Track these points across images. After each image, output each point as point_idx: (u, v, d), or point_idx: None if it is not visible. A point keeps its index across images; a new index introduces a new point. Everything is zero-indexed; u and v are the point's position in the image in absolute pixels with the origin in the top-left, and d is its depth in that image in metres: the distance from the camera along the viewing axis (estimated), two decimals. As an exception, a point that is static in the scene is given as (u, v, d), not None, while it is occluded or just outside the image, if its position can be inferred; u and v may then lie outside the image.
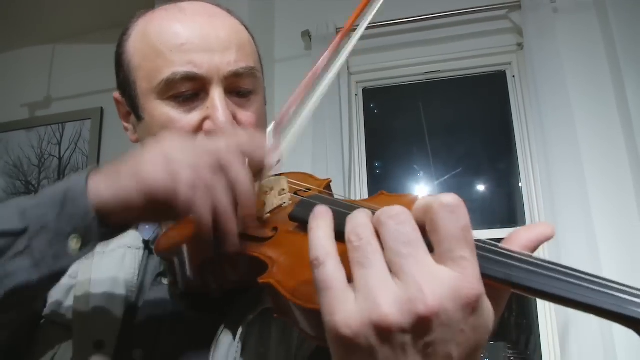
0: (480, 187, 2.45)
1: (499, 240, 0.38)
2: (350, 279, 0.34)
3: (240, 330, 0.57)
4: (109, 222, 0.50)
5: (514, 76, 2.35)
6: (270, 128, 0.60)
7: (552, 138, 1.99)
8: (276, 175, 0.63)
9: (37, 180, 2.96)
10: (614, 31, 2.08)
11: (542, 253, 2.03)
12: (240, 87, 0.68)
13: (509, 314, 2.26)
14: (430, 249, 0.34)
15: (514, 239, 0.37)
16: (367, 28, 0.64)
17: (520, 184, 2.24)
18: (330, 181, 0.73)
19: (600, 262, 1.83)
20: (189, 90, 0.64)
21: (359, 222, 0.36)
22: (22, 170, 3.01)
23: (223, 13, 0.71)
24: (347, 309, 0.33)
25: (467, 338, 0.32)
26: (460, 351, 0.32)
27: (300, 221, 0.54)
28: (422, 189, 2.48)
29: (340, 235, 0.37)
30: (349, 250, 0.35)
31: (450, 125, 2.56)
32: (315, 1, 2.60)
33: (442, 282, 0.32)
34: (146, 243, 0.71)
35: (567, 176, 1.93)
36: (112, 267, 0.67)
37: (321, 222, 0.38)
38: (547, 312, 2.00)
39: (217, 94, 0.64)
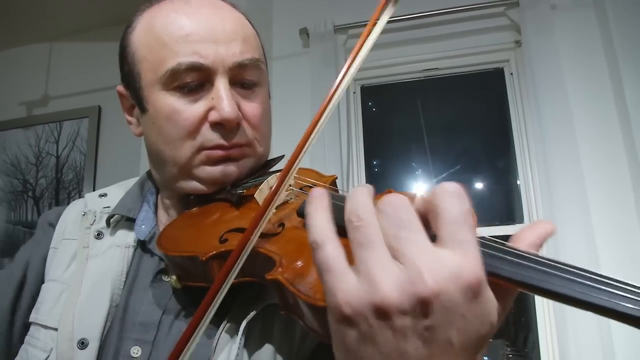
0: (479, 185, 2.45)
1: (499, 238, 0.37)
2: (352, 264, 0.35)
3: (242, 327, 0.57)
4: None
5: (512, 73, 2.35)
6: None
7: (550, 135, 1.99)
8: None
9: (35, 178, 2.96)
10: (612, 28, 2.07)
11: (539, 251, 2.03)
12: (244, 79, 0.68)
13: (507, 313, 2.26)
14: (433, 240, 0.34)
15: (520, 238, 0.37)
16: (365, 25, 0.63)
17: (518, 182, 2.24)
18: (336, 177, 0.73)
19: (599, 260, 1.83)
20: (193, 80, 0.64)
21: (359, 202, 0.36)
22: (20, 169, 3.00)
23: (228, 6, 0.71)
24: (348, 288, 0.33)
25: (468, 325, 0.32)
26: (461, 338, 0.32)
27: None
28: (420, 186, 2.48)
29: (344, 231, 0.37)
30: (349, 231, 0.35)
31: (448, 123, 2.56)
32: (313, -1, 2.59)
33: (443, 264, 0.32)
34: (141, 243, 0.70)
35: (565, 173, 1.93)
36: (101, 268, 0.67)
37: (317, 205, 0.38)
38: (545, 310, 2.01)
39: (222, 85, 0.64)
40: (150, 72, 0.66)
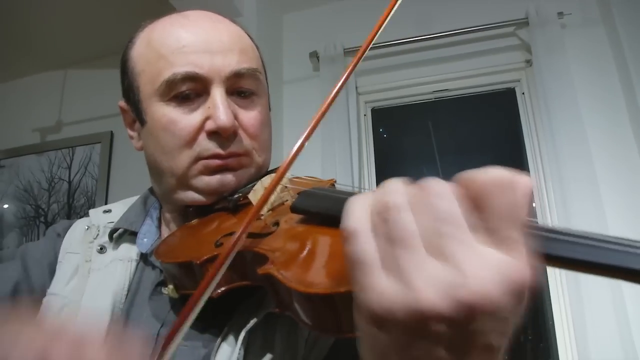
0: (493, 206, 2.40)
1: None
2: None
3: (242, 336, 0.55)
4: None
5: (523, 93, 2.33)
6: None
7: (564, 155, 1.96)
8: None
9: (47, 204, 2.97)
10: (623, 45, 2.06)
11: (559, 278, 1.98)
12: (242, 87, 0.68)
13: (525, 338, 2.19)
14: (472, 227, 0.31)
15: None
16: (375, 48, 0.62)
17: (533, 204, 2.20)
18: (335, 181, 0.72)
19: (619, 281, 1.78)
20: (189, 90, 0.64)
21: (392, 189, 0.32)
22: (32, 195, 3.02)
23: (226, 20, 0.72)
24: (382, 286, 0.30)
25: (509, 326, 0.29)
26: (501, 341, 0.30)
27: (302, 212, 0.53)
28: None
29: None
30: (379, 224, 0.31)
31: (461, 144, 2.53)
32: (323, 22, 2.62)
33: (490, 265, 0.28)
34: (143, 256, 0.70)
35: (581, 194, 1.89)
36: (103, 281, 0.67)
37: (361, 195, 0.35)
38: (565, 335, 1.94)
39: (218, 94, 0.64)
40: (148, 84, 0.66)
